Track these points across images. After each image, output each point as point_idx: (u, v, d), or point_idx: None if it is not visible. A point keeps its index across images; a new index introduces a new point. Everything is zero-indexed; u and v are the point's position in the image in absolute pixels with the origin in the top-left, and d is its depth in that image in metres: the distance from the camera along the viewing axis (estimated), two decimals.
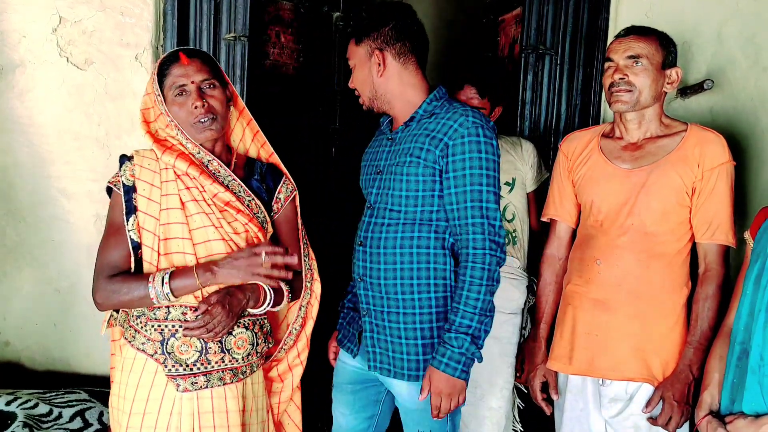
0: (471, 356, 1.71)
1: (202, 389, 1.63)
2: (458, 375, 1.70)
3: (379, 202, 1.84)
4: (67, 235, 2.39)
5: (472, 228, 1.72)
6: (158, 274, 1.59)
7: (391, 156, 1.84)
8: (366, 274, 1.84)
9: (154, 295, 1.59)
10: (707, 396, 1.64)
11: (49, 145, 2.36)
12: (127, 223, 1.65)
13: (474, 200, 1.71)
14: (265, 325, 1.78)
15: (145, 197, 1.65)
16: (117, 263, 1.66)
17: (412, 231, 1.78)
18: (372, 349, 1.85)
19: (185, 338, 1.62)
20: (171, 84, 1.66)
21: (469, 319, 1.70)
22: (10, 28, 2.32)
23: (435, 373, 1.71)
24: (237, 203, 1.69)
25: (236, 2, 2.38)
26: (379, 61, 1.81)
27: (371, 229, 1.84)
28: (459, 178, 1.72)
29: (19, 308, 2.43)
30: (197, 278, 1.59)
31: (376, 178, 1.87)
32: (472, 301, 1.70)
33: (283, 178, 1.84)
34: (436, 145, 1.74)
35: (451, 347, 1.69)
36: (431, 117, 1.80)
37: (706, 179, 1.79)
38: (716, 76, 2.14)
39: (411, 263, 1.77)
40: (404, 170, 1.77)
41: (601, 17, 2.36)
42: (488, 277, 1.71)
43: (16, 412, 2.03)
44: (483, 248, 1.71)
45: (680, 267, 1.85)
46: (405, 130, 1.84)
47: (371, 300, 1.84)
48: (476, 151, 1.71)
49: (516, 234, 2.24)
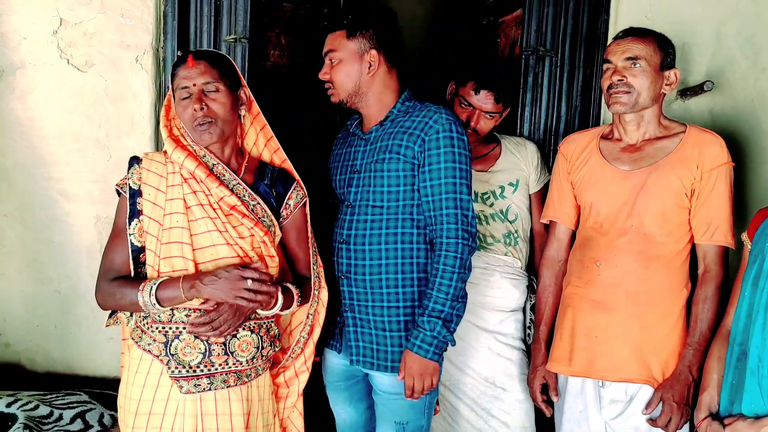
0: (443, 339, 1.80)
1: (205, 391, 1.63)
2: (430, 357, 1.79)
3: (359, 199, 1.90)
4: (68, 237, 2.39)
5: (446, 218, 1.81)
6: (148, 283, 1.61)
7: (368, 154, 1.90)
8: (350, 270, 1.90)
9: (143, 304, 1.61)
10: (706, 397, 1.64)
11: (49, 146, 2.37)
12: (129, 226, 1.67)
13: (448, 192, 1.81)
14: (273, 329, 1.78)
15: (151, 202, 1.67)
16: (117, 266, 1.69)
17: (395, 227, 1.85)
18: (355, 343, 1.91)
19: (189, 340, 1.63)
20: (177, 86, 1.69)
21: (441, 304, 1.79)
22: (11, 29, 2.33)
23: (409, 355, 1.80)
24: (242, 207, 1.69)
25: (236, 4, 2.38)
26: (372, 61, 1.86)
27: (354, 227, 1.90)
28: (434, 171, 1.81)
29: (20, 310, 2.44)
30: (182, 292, 1.60)
31: (353, 176, 1.93)
32: (444, 287, 1.79)
33: (294, 184, 1.84)
34: (414, 141, 1.83)
35: (424, 330, 1.78)
36: (405, 115, 1.88)
37: (705, 180, 1.79)
38: (716, 77, 2.14)
39: (395, 258, 1.85)
40: (384, 167, 1.85)
41: (601, 19, 2.36)
42: (460, 265, 1.80)
43: (16, 414, 2.03)
44: (456, 237, 1.80)
45: (680, 268, 1.85)
46: (380, 129, 1.91)
47: (354, 296, 1.90)
48: (450, 146, 1.81)
49: (518, 234, 2.24)
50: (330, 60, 1.89)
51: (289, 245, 1.84)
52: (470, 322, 2.16)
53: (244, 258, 1.68)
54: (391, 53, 1.89)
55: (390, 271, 1.85)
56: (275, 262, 1.74)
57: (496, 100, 2.16)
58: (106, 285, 1.67)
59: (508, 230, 2.22)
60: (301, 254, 1.85)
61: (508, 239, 2.22)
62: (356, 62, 1.87)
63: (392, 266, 1.85)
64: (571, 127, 2.45)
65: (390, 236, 1.85)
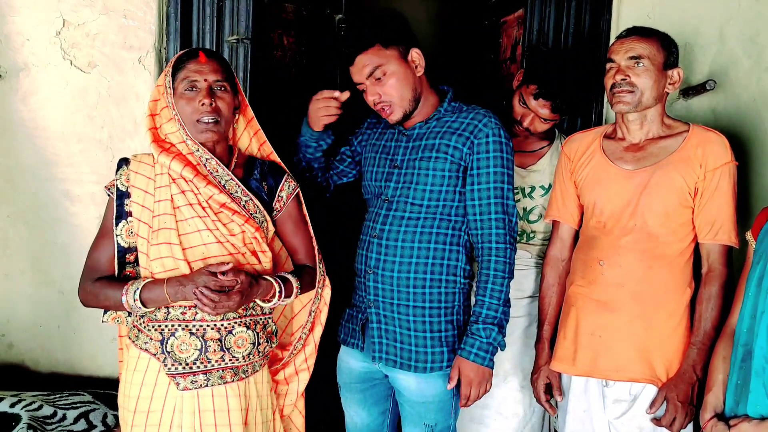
0: (497, 344, 1.81)
1: (202, 388, 1.64)
2: (486, 364, 1.80)
3: (398, 195, 1.87)
4: (71, 238, 2.40)
5: (495, 223, 1.81)
6: (132, 286, 1.62)
7: (411, 151, 1.88)
8: (378, 265, 1.87)
9: (126, 305, 1.62)
10: (712, 397, 1.63)
11: (52, 147, 2.37)
12: (116, 227, 1.68)
13: (497, 197, 1.81)
14: (270, 325, 1.79)
15: (139, 204, 1.68)
16: (101, 266, 1.70)
17: (431, 226, 1.84)
18: (378, 340, 1.88)
19: (185, 337, 1.64)
20: (184, 77, 1.67)
21: (495, 310, 1.80)
22: (14, 31, 2.33)
23: (464, 363, 1.79)
24: (233, 204, 1.70)
25: (239, 5, 2.38)
26: (416, 60, 1.84)
27: (390, 222, 1.87)
28: (483, 176, 1.81)
29: (23, 310, 2.44)
30: (168, 296, 1.61)
31: (393, 172, 1.90)
32: (497, 293, 1.80)
33: (285, 176, 1.84)
34: (464, 142, 1.82)
35: (480, 338, 1.79)
36: (453, 115, 1.87)
37: (708, 179, 1.79)
38: (718, 76, 2.14)
39: (426, 258, 1.83)
40: (430, 165, 1.83)
41: (603, 18, 2.35)
42: (509, 270, 1.82)
43: (20, 414, 2.03)
44: (505, 243, 1.81)
45: (683, 267, 1.85)
46: (425, 126, 1.88)
47: (380, 292, 1.87)
48: (499, 150, 1.81)
49: (534, 235, 2.22)
50: (376, 78, 1.81)
51: (285, 237, 1.85)
52: None
53: (236, 255, 1.69)
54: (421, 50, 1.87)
55: (419, 270, 1.83)
56: (268, 257, 1.75)
57: (553, 110, 2.12)
58: (89, 285, 1.69)
59: (522, 230, 2.22)
60: (299, 244, 1.85)
61: (520, 237, 2.21)
62: (405, 67, 1.82)
63: (422, 265, 1.83)
64: (573, 126, 2.45)
65: (425, 235, 1.84)
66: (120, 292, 1.62)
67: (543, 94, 2.09)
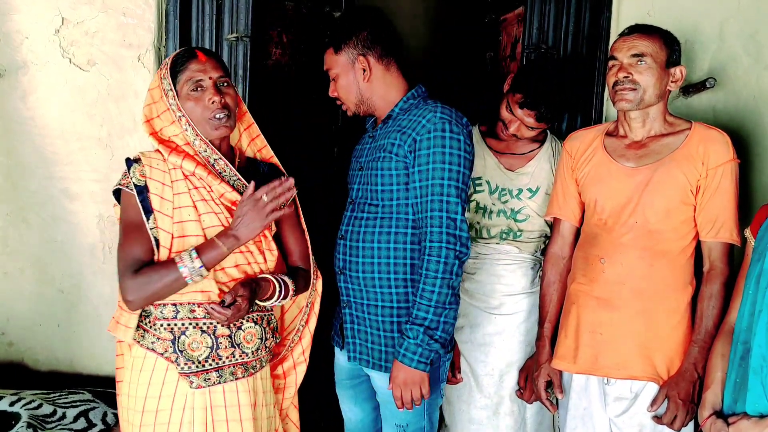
0: (428, 347, 1.73)
1: (215, 385, 1.64)
2: (415, 365, 1.74)
3: (359, 197, 1.92)
4: (70, 236, 2.39)
5: (431, 221, 1.76)
6: (183, 253, 1.58)
7: (370, 152, 1.91)
8: (345, 266, 1.90)
9: (187, 273, 1.57)
10: (710, 395, 1.63)
11: (51, 145, 2.37)
12: (148, 222, 1.64)
13: (434, 194, 1.76)
14: (273, 321, 1.80)
15: (158, 196, 1.65)
16: (141, 257, 1.62)
17: (389, 226, 1.84)
18: (352, 340, 1.91)
19: (195, 335, 1.64)
20: (187, 78, 1.66)
21: (425, 311, 1.74)
22: (13, 29, 2.32)
23: (395, 364, 1.78)
24: None
25: (238, 2, 2.38)
26: (364, 66, 1.87)
27: (351, 223, 1.91)
28: (423, 172, 1.77)
29: (23, 309, 2.43)
30: (223, 246, 1.59)
31: (358, 174, 1.94)
32: (427, 293, 1.74)
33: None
34: (405, 140, 1.80)
35: (408, 338, 1.75)
36: (405, 114, 1.87)
37: (710, 177, 1.79)
38: (718, 74, 2.14)
39: (388, 258, 1.83)
40: (379, 165, 1.85)
41: (603, 16, 2.35)
42: (444, 270, 1.73)
43: (20, 413, 2.03)
44: (440, 241, 1.74)
45: (684, 265, 1.85)
46: (383, 127, 1.91)
47: (351, 292, 1.90)
48: (440, 146, 1.76)
49: (521, 233, 2.22)
50: (331, 78, 1.92)
51: (282, 238, 1.85)
52: (474, 306, 2.20)
53: (245, 253, 1.70)
54: (384, 50, 1.87)
55: (383, 270, 1.84)
56: (274, 255, 1.75)
57: (537, 119, 2.11)
58: (134, 278, 1.59)
59: (509, 227, 2.22)
60: (294, 246, 1.85)
61: (506, 235, 2.21)
62: (350, 73, 1.88)
63: (384, 266, 1.84)
64: (573, 124, 2.45)
65: (383, 235, 1.84)
66: (173, 266, 1.57)
67: (528, 104, 2.09)
